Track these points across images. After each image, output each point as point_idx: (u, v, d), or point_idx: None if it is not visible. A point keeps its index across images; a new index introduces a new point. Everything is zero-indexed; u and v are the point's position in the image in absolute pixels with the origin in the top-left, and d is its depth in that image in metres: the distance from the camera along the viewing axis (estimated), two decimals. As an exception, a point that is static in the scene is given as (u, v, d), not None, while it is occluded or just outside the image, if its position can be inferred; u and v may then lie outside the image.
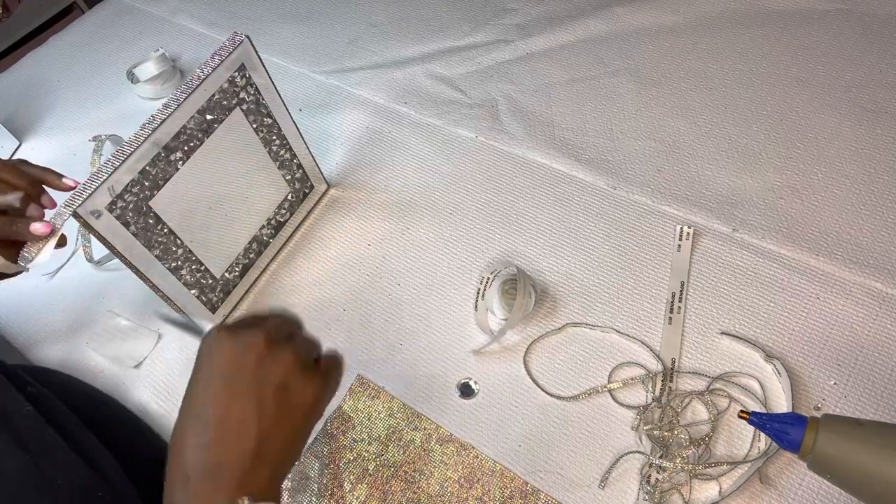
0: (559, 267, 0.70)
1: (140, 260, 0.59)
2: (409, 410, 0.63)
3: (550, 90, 0.87)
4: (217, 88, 0.60)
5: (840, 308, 0.62)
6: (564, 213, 0.74)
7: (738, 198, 0.72)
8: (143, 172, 0.57)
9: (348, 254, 0.75)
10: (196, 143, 0.61)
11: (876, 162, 0.72)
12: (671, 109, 0.81)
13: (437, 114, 0.87)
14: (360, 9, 1.05)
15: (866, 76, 0.79)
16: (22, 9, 1.47)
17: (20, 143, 0.96)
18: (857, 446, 0.42)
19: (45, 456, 0.49)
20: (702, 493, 0.55)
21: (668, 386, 0.60)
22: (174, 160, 0.59)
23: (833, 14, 0.86)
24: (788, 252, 0.67)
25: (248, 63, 0.63)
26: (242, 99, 0.64)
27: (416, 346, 0.67)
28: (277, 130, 0.69)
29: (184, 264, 0.64)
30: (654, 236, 0.70)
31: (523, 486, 0.57)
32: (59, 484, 0.48)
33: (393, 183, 0.81)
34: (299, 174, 0.75)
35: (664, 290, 0.66)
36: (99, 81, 1.03)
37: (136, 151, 0.55)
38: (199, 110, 0.60)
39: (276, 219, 0.74)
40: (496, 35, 0.95)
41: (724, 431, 0.57)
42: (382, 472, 0.60)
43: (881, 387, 0.58)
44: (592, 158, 0.78)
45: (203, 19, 1.09)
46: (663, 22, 0.91)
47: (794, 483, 0.54)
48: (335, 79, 0.94)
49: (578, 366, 0.63)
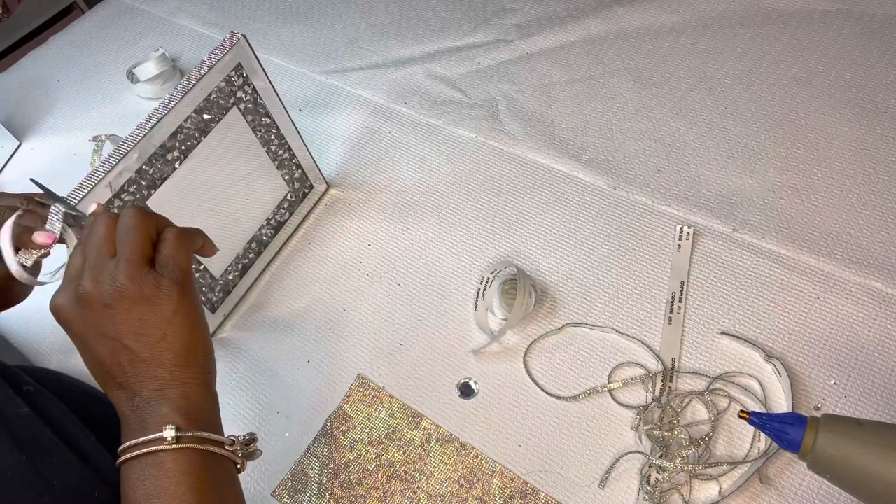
0: (559, 267, 0.70)
1: None
2: (409, 410, 0.63)
3: (550, 90, 0.87)
4: (214, 87, 0.60)
5: (840, 308, 0.62)
6: (564, 213, 0.74)
7: (738, 198, 0.72)
8: (139, 171, 0.57)
9: (348, 254, 0.75)
10: (193, 143, 0.61)
11: (876, 162, 0.72)
12: (671, 109, 0.81)
13: (437, 114, 0.87)
14: (360, 9, 1.05)
15: (866, 76, 0.79)
16: (22, 9, 1.46)
17: (20, 143, 0.96)
18: (857, 446, 0.42)
19: (43, 456, 0.49)
20: (702, 493, 0.55)
21: (668, 386, 0.60)
22: (171, 159, 0.59)
23: (833, 14, 0.86)
24: (788, 252, 0.67)
25: (245, 62, 0.63)
26: (240, 98, 0.64)
27: (416, 346, 0.67)
28: (276, 130, 0.69)
29: None
30: (654, 236, 0.70)
31: (523, 486, 0.57)
32: (56, 484, 0.47)
33: (393, 183, 0.81)
34: (298, 174, 0.75)
35: (664, 290, 0.66)
36: (99, 81, 1.03)
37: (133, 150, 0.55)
38: (196, 109, 0.60)
39: (275, 218, 0.74)
40: (496, 35, 0.95)
41: (724, 431, 0.57)
42: (382, 472, 0.60)
43: (881, 387, 0.58)
44: (592, 158, 0.78)
45: (203, 19, 1.09)
46: (663, 22, 0.91)
47: (794, 483, 0.54)
48: (335, 79, 0.94)
49: (578, 366, 0.63)
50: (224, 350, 0.70)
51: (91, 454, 0.52)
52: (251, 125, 0.66)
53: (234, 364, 0.69)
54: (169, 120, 0.57)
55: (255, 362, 0.69)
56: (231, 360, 0.69)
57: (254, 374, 0.68)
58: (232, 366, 0.69)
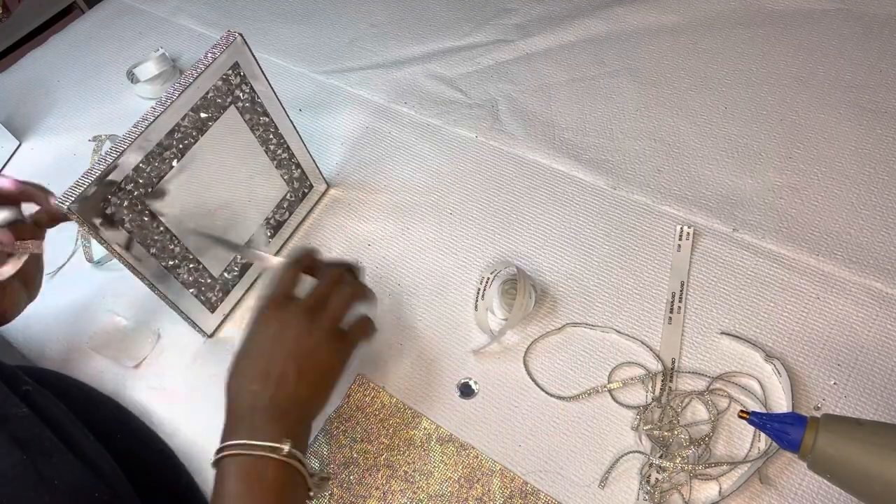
0: (559, 267, 0.70)
1: (136, 258, 0.59)
2: (409, 410, 0.63)
3: (550, 90, 0.87)
4: (211, 86, 0.60)
5: (840, 308, 0.62)
6: (564, 213, 0.74)
7: (738, 198, 0.72)
8: (136, 170, 0.57)
9: (348, 254, 0.75)
10: (190, 142, 0.61)
11: (876, 162, 0.72)
12: (671, 109, 0.81)
13: (437, 114, 0.87)
14: (360, 9, 1.05)
15: (866, 76, 0.79)
16: (22, 9, 1.47)
17: (20, 143, 0.96)
18: (857, 446, 0.42)
19: (42, 456, 0.49)
20: (702, 493, 0.55)
21: (668, 386, 0.60)
22: (167, 158, 0.59)
23: (833, 14, 0.86)
24: (788, 252, 0.67)
25: (243, 61, 0.63)
26: (237, 97, 0.64)
27: (416, 346, 0.67)
28: (274, 129, 0.69)
29: (181, 263, 0.64)
30: (654, 236, 0.70)
31: (523, 486, 0.57)
32: (56, 484, 0.48)
33: (393, 183, 0.81)
34: (297, 173, 0.75)
35: (664, 290, 0.66)
36: (99, 81, 1.02)
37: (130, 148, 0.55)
38: (193, 108, 0.60)
39: (275, 218, 0.74)
40: (496, 35, 0.95)
41: (724, 431, 0.57)
42: (382, 472, 0.60)
43: (881, 387, 0.58)
44: (592, 158, 0.78)
45: (203, 19, 1.09)
46: (663, 22, 0.91)
47: (794, 483, 0.54)
48: (335, 79, 0.94)
49: (578, 366, 0.63)
50: (224, 350, 0.70)
51: (91, 454, 0.52)
52: (249, 124, 0.66)
53: (234, 364, 0.69)
54: (165, 118, 0.57)
55: (255, 362, 0.68)
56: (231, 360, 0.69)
57: (254, 374, 0.68)
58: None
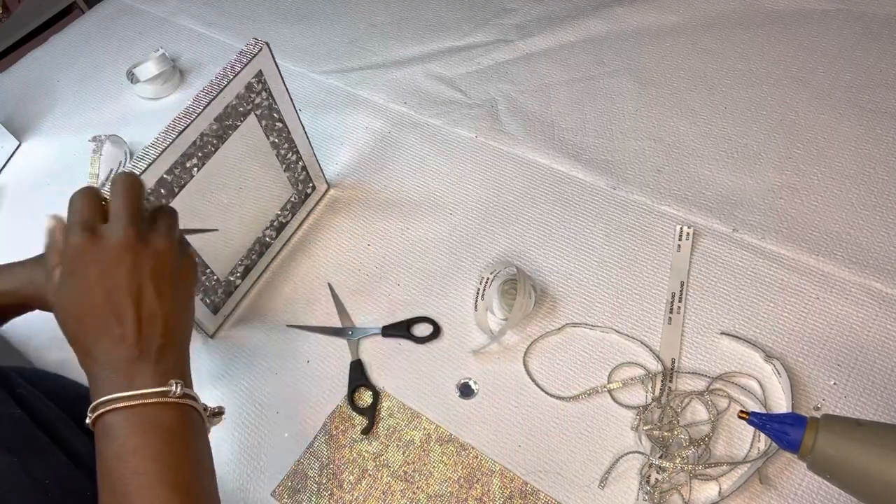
0: (559, 267, 0.70)
1: None
2: (408, 410, 0.63)
3: (550, 90, 0.87)
4: (234, 95, 0.60)
5: (840, 308, 0.62)
6: (564, 213, 0.74)
7: (738, 198, 0.72)
8: (160, 181, 0.57)
9: (348, 254, 0.75)
10: (211, 150, 0.61)
11: (876, 162, 0.72)
12: (671, 109, 0.81)
13: (436, 114, 0.87)
14: (360, 9, 1.05)
15: (866, 76, 0.79)
16: (22, 9, 1.46)
17: (20, 143, 0.96)
18: (856, 446, 0.42)
19: (34, 456, 0.49)
20: (702, 493, 0.55)
21: (667, 386, 0.60)
22: (189, 167, 0.59)
23: (833, 14, 0.86)
24: (788, 252, 0.67)
25: (266, 69, 0.62)
26: (257, 104, 0.64)
27: (415, 346, 0.67)
28: (286, 134, 0.69)
29: None
30: (654, 236, 0.70)
31: (523, 486, 0.57)
32: (48, 484, 0.48)
33: (393, 183, 0.81)
34: (302, 175, 0.75)
35: (664, 290, 0.66)
36: (99, 81, 1.02)
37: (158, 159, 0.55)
38: (217, 117, 0.59)
39: (278, 220, 0.74)
40: (496, 35, 0.95)
41: (723, 431, 0.57)
42: (382, 471, 0.60)
43: (881, 387, 0.58)
44: (592, 158, 0.78)
45: (203, 19, 1.09)
46: (663, 22, 0.91)
47: (794, 483, 0.54)
48: (335, 79, 0.94)
49: (578, 366, 0.63)
50: (224, 350, 0.70)
51: (84, 455, 0.52)
52: (265, 130, 0.66)
53: (234, 364, 0.69)
54: (193, 128, 0.57)
55: (255, 362, 0.69)
56: (231, 360, 0.69)
57: (254, 374, 0.68)
58: (232, 366, 0.69)
